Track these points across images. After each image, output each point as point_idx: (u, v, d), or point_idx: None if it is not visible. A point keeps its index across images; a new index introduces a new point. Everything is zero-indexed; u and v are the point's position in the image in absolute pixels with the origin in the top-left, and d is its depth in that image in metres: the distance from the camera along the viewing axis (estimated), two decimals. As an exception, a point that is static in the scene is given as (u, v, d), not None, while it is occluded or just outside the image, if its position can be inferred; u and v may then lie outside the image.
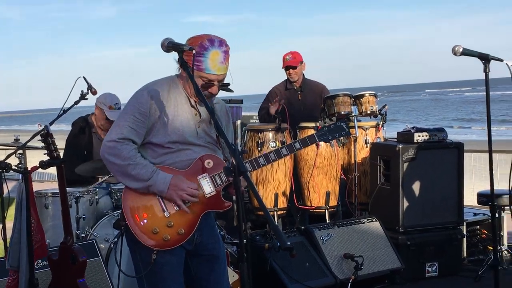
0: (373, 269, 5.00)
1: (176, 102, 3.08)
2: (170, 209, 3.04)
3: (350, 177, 6.17)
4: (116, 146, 2.99)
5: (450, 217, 5.61)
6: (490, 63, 3.86)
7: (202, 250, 3.21)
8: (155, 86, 3.09)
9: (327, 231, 5.13)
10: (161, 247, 3.02)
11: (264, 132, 6.08)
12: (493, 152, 4.02)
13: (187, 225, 3.06)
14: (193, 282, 3.26)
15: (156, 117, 3.02)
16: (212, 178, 3.10)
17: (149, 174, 2.98)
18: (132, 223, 3.03)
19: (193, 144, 3.11)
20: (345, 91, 6.30)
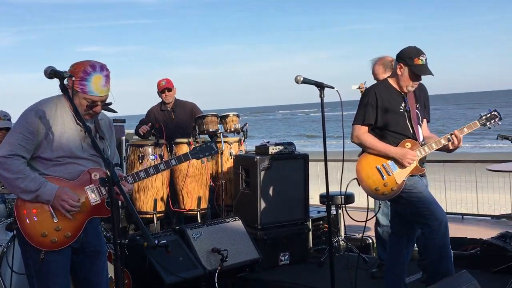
0: (236, 260, 5.03)
1: (62, 119, 2.99)
2: (58, 215, 2.95)
3: (218, 183, 6.20)
4: (6, 162, 2.87)
5: (298, 215, 5.76)
6: (325, 89, 4.03)
7: (86, 247, 3.14)
8: (42, 105, 2.98)
9: (198, 229, 5.11)
10: (49, 248, 2.94)
11: (145, 147, 6.01)
12: (328, 161, 4.17)
13: (73, 229, 2.99)
14: (77, 276, 3.18)
15: (43, 135, 2.92)
16: (98, 189, 3.05)
17: (37, 186, 2.88)
18: (23, 227, 2.93)
19: (79, 157, 3.04)
20: (213, 112, 6.35)
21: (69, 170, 3.01)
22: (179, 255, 4.83)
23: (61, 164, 3.00)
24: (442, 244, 3.95)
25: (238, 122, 6.38)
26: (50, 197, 2.90)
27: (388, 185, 4.01)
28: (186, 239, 4.97)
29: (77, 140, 3.03)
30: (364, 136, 4.05)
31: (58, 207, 2.91)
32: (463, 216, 8.57)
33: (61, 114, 3.00)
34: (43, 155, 2.96)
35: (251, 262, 5.17)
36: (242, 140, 6.53)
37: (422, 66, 3.92)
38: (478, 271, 4.90)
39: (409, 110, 4.05)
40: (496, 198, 9.72)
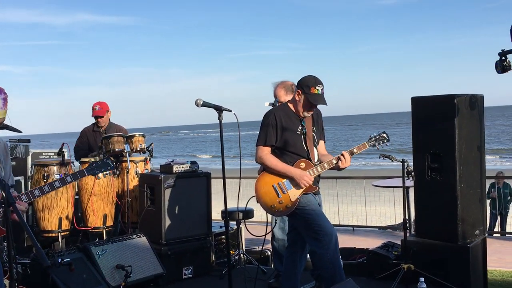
0: (140, 276, 4.94)
1: None
2: None
3: (124, 201, 6.07)
4: None
5: (201, 230, 5.72)
6: (223, 112, 4.09)
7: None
8: None
9: (103, 247, 4.97)
10: None
11: (50, 166, 5.79)
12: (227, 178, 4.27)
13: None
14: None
15: None
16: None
17: None
18: None
19: None
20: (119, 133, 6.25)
21: None
22: (83, 272, 4.68)
23: None
24: (334, 256, 4.10)
25: (144, 142, 6.30)
26: None
27: (283, 203, 4.13)
28: (91, 257, 4.83)
29: None
30: (267, 156, 4.16)
31: None
32: (353, 227, 8.94)
33: None
34: None
35: (155, 277, 5.10)
36: (148, 159, 6.45)
37: (317, 96, 4.09)
38: (364, 278, 5.13)
39: (305, 132, 4.21)
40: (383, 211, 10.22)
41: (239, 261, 5.85)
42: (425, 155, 4.92)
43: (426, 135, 4.98)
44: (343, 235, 8.16)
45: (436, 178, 4.87)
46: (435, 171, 4.88)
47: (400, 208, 8.67)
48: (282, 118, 4.17)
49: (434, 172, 4.89)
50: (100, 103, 6.53)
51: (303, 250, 4.43)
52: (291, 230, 4.49)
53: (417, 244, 4.99)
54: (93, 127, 6.63)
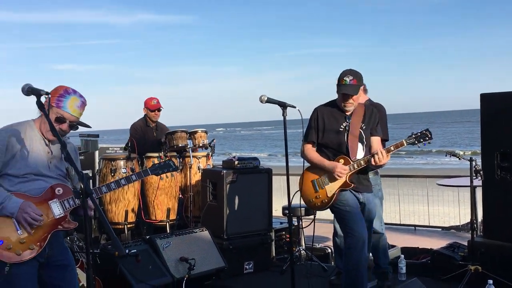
0: (203, 269, 5.03)
1: (31, 140, 3.02)
2: (22, 228, 2.92)
3: (186, 196, 6.21)
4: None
5: (262, 226, 5.79)
6: (287, 108, 4.10)
7: (53, 261, 3.10)
8: (13, 126, 3.03)
9: (167, 239, 5.10)
10: (14, 260, 2.89)
11: (117, 161, 5.99)
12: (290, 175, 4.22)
13: (38, 242, 2.96)
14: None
15: (13, 153, 2.94)
16: (62, 203, 3.05)
17: (2, 199, 2.88)
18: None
19: (45, 175, 3.06)
20: (183, 128, 6.38)
21: (35, 186, 3.02)
22: (148, 263, 4.82)
23: (27, 181, 3.00)
24: (358, 259, 4.12)
25: (206, 138, 6.42)
26: (14, 210, 2.88)
27: (319, 198, 4.25)
28: (156, 249, 4.96)
29: (44, 160, 3.06)
30: (307, 151, 4.31)
31: (21, 220, 2.89)
32: (415, 227, 8.74)
33: (30, 135, 3.03)
34: (11, 172, 2.97)
35: (217, 271, 5.18)
36: (210, 154, 6.57)
37: (343, 86, 4.12)
38: (428, 278, 5.02)
39: (349, 129, 4.22)
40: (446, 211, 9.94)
41: (300, 257, 5.85)
42: (495, 153, 4.77)
43: (496, 133, 4.83)
44: (405, 235, 8.02)
45: (506, 177, 4.71)
46: (505, 170, 4.73)
47: (464, 208, 8.48)
48: (324, 116, 4.25)
49: (504, 172, 4.74)
50: (156, 98, 6.71)
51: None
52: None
53: (484, 245, 4.84)
54: (146, 122, 6.76)
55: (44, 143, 3.07)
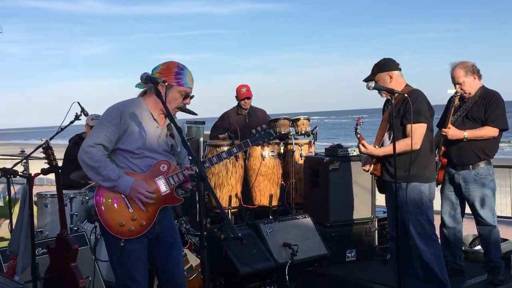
0: (305, 255, 5.05)
1: (141, 117, 3.12)
2: (133, 205, 3.06)
3: (288, 182, 6.24)
4: (91, 151, 3.02)
5: (366, 214, 5.73)
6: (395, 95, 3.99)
7: (161, 238, 3.24)
8: (124, 104, 3.15)
9: (270, 225, 5.17)
10: (127, 236, 3.05)
11: (221, 147, 6.12)
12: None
13: (147, 219, 3.09)
14: (155, 264, 3.30)
15: (124, 128, 3.06)
16: (167, 180, 3.15)
17: (115, 176, 3.01)
18: (103, 218, 3.05)
19: (155, 151, 3.16)
20: (285, 116, 6.41)
21: (145, 163, 3.13)
22: (252, 248, 4.90)
23: (139, 157, 3.12)
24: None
25: (309, 125, 6.41)
26: (127, 188, 3.01)
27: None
28: (260, 234, 5.04)
29: (153, 135, 3.15)
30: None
31: (134, 198, 3.02)
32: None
33: (140, 112, 3.13)
34: (123, 147, 3.09)
35: (319, 257, 5.18)
36: (312, 142, 6.55)
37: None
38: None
39: (383, 117, 4.39)
40: None
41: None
42: None
43: None
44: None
45: None
46: None
47: None
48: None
49: None
50: (246, 86, 6.78)
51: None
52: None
53: None
54: (237, 110, 6.85)
55: (153, 118, 3.16)
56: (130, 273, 3.11)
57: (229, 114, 6.85)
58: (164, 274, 3.30)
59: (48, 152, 3.75)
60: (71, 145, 6.01)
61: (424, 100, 4.12)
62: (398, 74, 4.22)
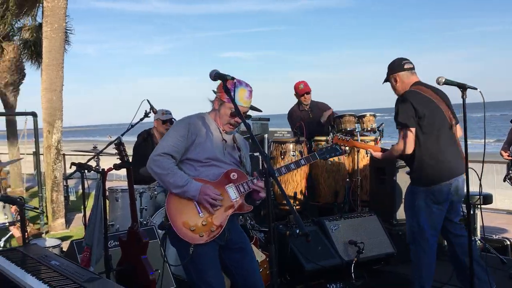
0: (372, 253, 4.97)
1: (209, 129, 3.21)
2: (203, 210, 3.10)
3: (354, 180, 6.14)
4: (159, 159, 3.10)
5: (433, 213, 5.53)
6: (467, 91, 3.82)
7: (231, 244, 3.24)
8: (192, 117, 3.26)
9: (335, 222, 5.11)
10: (197, 241, 3.06)
11: (286, 144, 6.11)
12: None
13: (218, 224, 3.11)
14: (228, 270, 3.29)
15: (192, 139, 3.15)
16: (237, 187, 3.19)
17: (184, 182, 3.07)
18: (175, 223, 3.09)
19: (222, 161, 3.22)
20: (351, 112, 6.32)
21: (213, 171, 3.19)
22: (317, 244, 4.87)
23: (207, 166, 3.18)
24: None
25: (375, 122, 6.28)
26: (196, 193, 3.06)
27: None
28: (325, 230, 4.99)
29: (219, 146, 3.23)
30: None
31: (203, 201, 3.06)
32: None
33: (206, 125, 3.23)
34: (191, 156, 3.17)
35: (386, 256, 5.08)
36: (378, 139, 6.41)
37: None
38: None
39: None
40: None
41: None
42: None
43: None
44: None
45: None
46: None
47: None
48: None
49: None
50: (304, 82, 6.74)
51: None
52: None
53: None
54: (298, 106, 6.81)
55: (219, 132, 3.24)
56: (205, 278, 3.12)
57: (294, 111, 6.84)
58: (240, 281, 3.29)
59: (120, 148, 3.84)
60: (140, 141, 6.15)
61: (406, 104, 3.97)
62: (404, 75, 4.11)
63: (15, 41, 14.34)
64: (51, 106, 8.85)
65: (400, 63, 4.12)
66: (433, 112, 3.94)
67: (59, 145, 8.96)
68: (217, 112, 3.23)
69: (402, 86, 4.10)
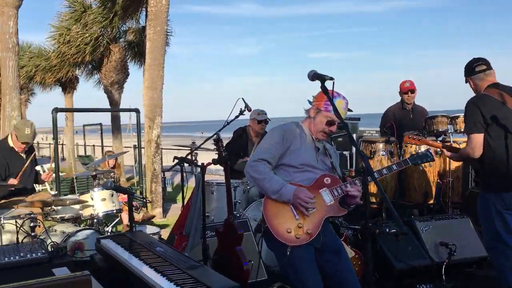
0: (463, 256, 4.80)
1: (301, 137, 3.31)
2: (298, 213, 3.17)
3: (445, 181, 5.95)
4: (256, 165, 3.24)
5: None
6: None
7: (326, 246, 3.28)
8: (286, 124, 3.38)
9: (426, 223, 4.99)
10: (293, 243, 3.12)
11: (376, 143, 6.03)
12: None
13: (313, 227, 3.17)
14: (324, 272, 3.29)
15: (287, 146, 3.26)
16: (331, 191, 3.25)
17: (279, 187, 3.16)
18: (271, 225, 3.18)
19: (315, 167, 3.30)
20: (443, 113, 6.12)
21: (307, 176, 3.26)
22: (408, 244, 4.78)
23: (301, 171, 3.26)
24: None
25: (468, 123, 6.02)
26: (290, 196, 3.14)
27: None
28: (415, 231, 4.89)
29: (313, 153, 3.32)
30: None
31: (297, 204, 3.12)
32: None
33: (301, 133, 3.33)
34: (287, 162, 3.27)
35: (478, 259, 4.89)
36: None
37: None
38: None
39: None
40: None
41: None
42: None
43: None
44: None
45: None
46: None
47: None
48: None
49: None
50: (410, 81, 6.58)
51: None
52: None
53: None
54: (401, 105, 6.64)
55: (312, 139, 3.34)
56: (303, 280, 3.16)
57: (393, 110, 6.72)
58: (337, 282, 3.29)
59: (219, 144, 3.98)
60: (235, 137, 6.31)
61: (473, 109, 3.85)
62: (476, 78, 3.98)
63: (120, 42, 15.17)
64: (152, 103, 9.29)
65: (471, 65, 4.00)
66: (505, 116, 3.77)
67: (158, 139, 9.40)
68: (311, 120, 3.32)
69: (476, 88, 4.01)
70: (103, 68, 14.95)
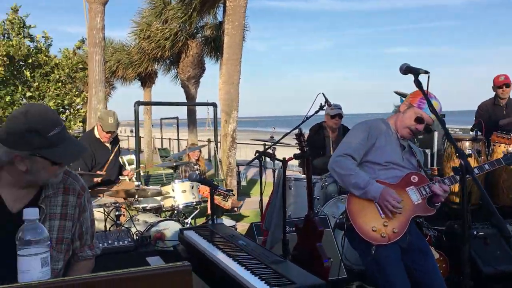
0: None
1: (388, 134, 3.20)
2: (384, 211, 3.03)
3: (537, 183, 5.56)
4: (340, 160, 3.12)
5: None
6: None
7: (412, 246, 3.13)
8: (371, 121, 3.28)
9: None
10: (379, 241, 2.99)
11: (462, 141, 5.73)
12: None
13: (399, 226, 3.02)
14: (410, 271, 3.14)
15: (372, 142, 3.15)
16: (418, 190, 3.11)
17: (365, 184, 3.03)
18: (356, 222, 3.06)
19: (401, 165, 3.18)
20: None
21: (392, 174, 3.14)
22: (496, 248, 4.50)
23: (386, 169, 3.14)
24: None
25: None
26: (376, 194, 3.01)
27: None
28: (505, 234, 4.58)
29: (398, 151, 3.20)
30: None
31: (383, 206, 3.00)
32: None
33: (387, 130, 3.21)
34: (371, 159, 3.15)
35: None
36: None
37: None
38: None
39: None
40: None
41: None
42: None
43: None
44: None
45: None
46: None
47: None
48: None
49: None
50: (505, 75, 6.25)
51: None
52: None
53: None
54: (494, 101, 6.32)
55: (397, 137, 3.22)
56: (390, 280, 3.02)
57: (485, 105, 6.38)
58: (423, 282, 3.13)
59: (300, 139, 3.90)
60: (312, 134, 6.21)
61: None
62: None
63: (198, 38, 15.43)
64: (228, 97, 9.36)
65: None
66: None
67: (234, 133, 9.45)
68: (399, 115, 3.20)
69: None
70: (181, 63, 15.27)
